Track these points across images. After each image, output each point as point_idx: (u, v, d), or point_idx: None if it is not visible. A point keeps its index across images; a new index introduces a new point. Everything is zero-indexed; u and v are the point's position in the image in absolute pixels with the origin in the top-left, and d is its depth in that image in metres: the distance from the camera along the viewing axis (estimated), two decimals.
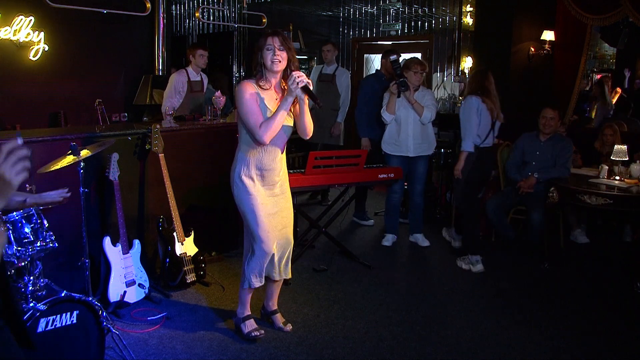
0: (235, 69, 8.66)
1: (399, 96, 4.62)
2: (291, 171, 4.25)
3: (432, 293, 3.91)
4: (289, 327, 3.29)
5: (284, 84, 2.95)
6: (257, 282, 3.09)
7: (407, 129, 4.71)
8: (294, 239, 3.26)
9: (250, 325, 3.19)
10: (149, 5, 5.41)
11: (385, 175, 4.37)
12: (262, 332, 3.18)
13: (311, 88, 2.87)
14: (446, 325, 3.40)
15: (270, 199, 3.02)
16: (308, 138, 3.07)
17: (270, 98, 2.93)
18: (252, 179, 2.97)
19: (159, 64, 7.03)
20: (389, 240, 4.97)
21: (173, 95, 5.34)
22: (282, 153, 3.03)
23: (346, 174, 4.17)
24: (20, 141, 1.14)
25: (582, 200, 4.22)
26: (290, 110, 2.92)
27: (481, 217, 4.87)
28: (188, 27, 9.38)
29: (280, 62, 2.86)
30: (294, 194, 3.51)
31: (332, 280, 4.09)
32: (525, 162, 4.80)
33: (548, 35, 6.45)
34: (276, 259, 3.11)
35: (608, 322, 3.48)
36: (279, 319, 3.32)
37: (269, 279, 3.22)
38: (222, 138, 4.55)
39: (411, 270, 4.37)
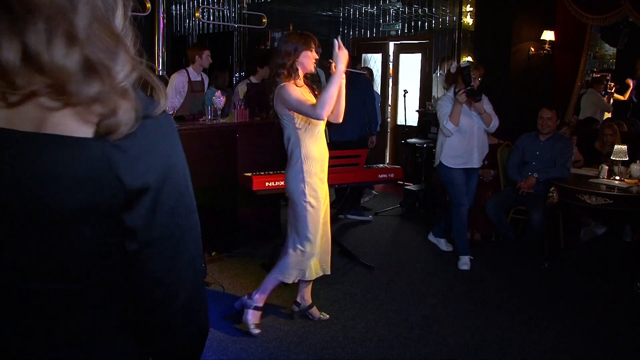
0: (235, 68, 8.66)
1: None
2: None
3: (432, 293, 3.91)
4: (327, 316, 3.45)
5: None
6: (296, 279, 3.21)
7: (472, 140, 4.35)
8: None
9: (256, 318, 3.23)
10: (149, 5, 5.42)
11: (385, 176, 4.38)
12: (260, 331, 3.21)
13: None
14: (446, 325, 3.40)
15: (324, 195, 3.16)
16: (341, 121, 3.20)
17: (306, 93, 3.08)
18: (315, 179, 3.06)
19: (159, 64, 7.02)
20: (467, 263, 4.41)
21: (174, 95, 5.35)
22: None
23: (346, 174, 4.17)
24: None
25: (582, 200, 4.22)
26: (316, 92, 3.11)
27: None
28: (188, 27, 9.38)
29: None
30: None
31: (332, 280, 4.08)
32: (525, 162, 4.80)
33: (548, 35, 6.45)
34: (321, 254, 3.23)
35: (608, 322, 3.48)
36: (317, 311, 3.42)
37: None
38: (222, 138, 4.55)
39: (411, 271, 4.37)
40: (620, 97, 7.08)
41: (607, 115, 6.70)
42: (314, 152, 3.06)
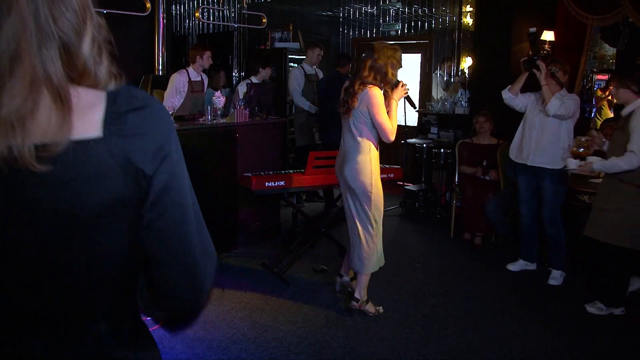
0: (235, 69, 8.66)
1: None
2: (291, 171, 4.26)
3: (432, 293, 3.91)
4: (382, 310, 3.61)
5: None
6: (374, 269, 3.45)
7: (531, 132, 4.10)
8: (293, 239, 3.28)
9: (372, 307, 3.52)
10: (149, 5, 5.42)
11: (385, 176, 4.37)
12: (382, 308, 3.56)
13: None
14: (446, 325, 3.40)
15: None
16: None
17: None
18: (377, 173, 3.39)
19: (159, 64, 7.02)
20: (515, 265, 4.39)
21: (174, 95, 5.34)
22: None
23: None
24: None
25: (582, 200, 4.22)
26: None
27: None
28: (188, 27, 9.37)
29: None
30: (294, 194, 3.52)
31: (332, 280, 4.08)
32: None
33: (548, 36, 6.44)
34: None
35: (608, 322, 3.48)
36: (372, 306, 3.55)
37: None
38: (222, 138, 4.56)
39: (411, 270, 4.37)
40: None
41: None
42: (375, 153, 3.40)
